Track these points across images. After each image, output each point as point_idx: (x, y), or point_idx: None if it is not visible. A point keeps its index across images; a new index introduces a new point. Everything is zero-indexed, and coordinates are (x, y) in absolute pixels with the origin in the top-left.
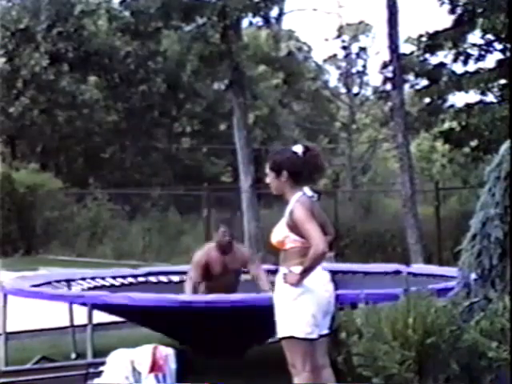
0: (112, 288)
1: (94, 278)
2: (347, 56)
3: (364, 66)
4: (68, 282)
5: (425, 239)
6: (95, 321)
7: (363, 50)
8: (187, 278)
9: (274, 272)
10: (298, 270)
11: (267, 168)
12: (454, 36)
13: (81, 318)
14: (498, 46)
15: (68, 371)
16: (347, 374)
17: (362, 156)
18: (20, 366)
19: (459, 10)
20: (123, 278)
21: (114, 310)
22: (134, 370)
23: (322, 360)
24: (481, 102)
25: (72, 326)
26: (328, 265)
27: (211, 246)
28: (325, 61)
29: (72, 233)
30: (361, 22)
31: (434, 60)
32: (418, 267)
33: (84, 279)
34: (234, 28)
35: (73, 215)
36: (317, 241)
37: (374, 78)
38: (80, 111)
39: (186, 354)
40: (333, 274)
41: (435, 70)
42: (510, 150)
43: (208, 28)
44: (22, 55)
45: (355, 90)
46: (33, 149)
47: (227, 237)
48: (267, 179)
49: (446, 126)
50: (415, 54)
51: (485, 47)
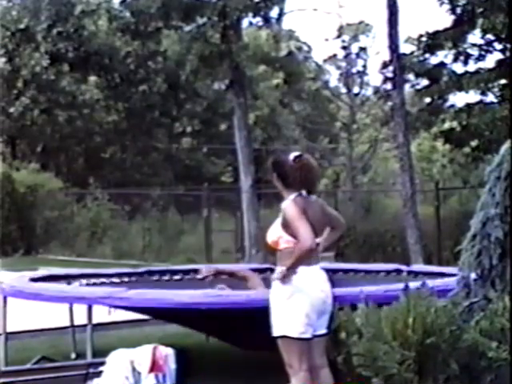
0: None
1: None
2: (347, 56)
3: (364, 66)
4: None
5: (425, 239)
6: (95, 321)
7: (363, 50)
8: None
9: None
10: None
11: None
12: (454, 36)
13: (81, 318)
14: (498, 46)
15: (68, 371)
16: (347, 374)
17: (363, 156)
18: (20, 366)
19: (459, 10)
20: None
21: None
22: (133, 370)
23: (320, 360)
24: (481, 101)
25: (72, 326)
26: (328, 264)
27: None
28: (325, 61)
29: (72, 233)
30: (361, 22)
31: (434, 60)
32: (418, 267)
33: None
34: (234, 28)
35: (73, 215)
36: (304, 237)
37: (374, 78)
38: (80, 111)
39: (186, 354)
40: (333, 272)
41: (435, 69)
42: (511, 150)
43: (208, 28)
44: (22, 55)
45: (355, 89)
46: (33, 149)
47: None
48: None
49: (447, 125)
50: (415, 53)
51: (485, 47)
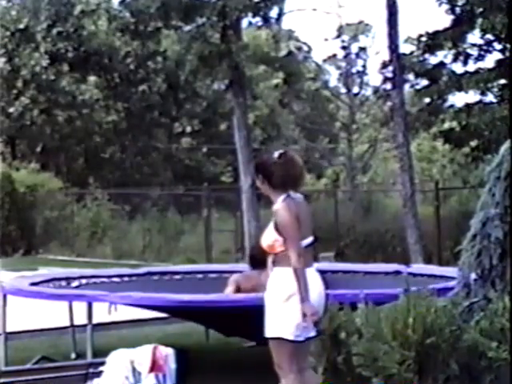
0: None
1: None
2: (347, 56)
3: (364, 66)
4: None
5: (425, 239)
6: (95, 321)
7: (363, 49)
8: None
9: None
10: (289, 272)
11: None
12: (454, 36)
13: (81, 318)
14: (498, 46)
15: (68, 371)
16: (347, 374)
17: (362, 156)
18: (20, 366)
19: (458, 10)
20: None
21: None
22: (133, 370)
23: (304, 363)
24: (480, 101)
25: (72, 326)
26: (328, 264)
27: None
28: (325, 61)
29: (72, 233)
30: (361, 22)
31: (434, 60)
32: (418, 267)
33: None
34: (233, 28)
35: (73, 215)
36: (296, 257)
37: (374, 78)
38: (80, 111)
39: (186, 354)
40: (333, 273)
41: (435, 69)
42: (510, 150)
43: (208, 28)
44: (22, 55)
45: (355, 90)
46: (33, 149)
47: None
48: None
49: (446, 125)
50: (415, 53)
51: (484, 47)
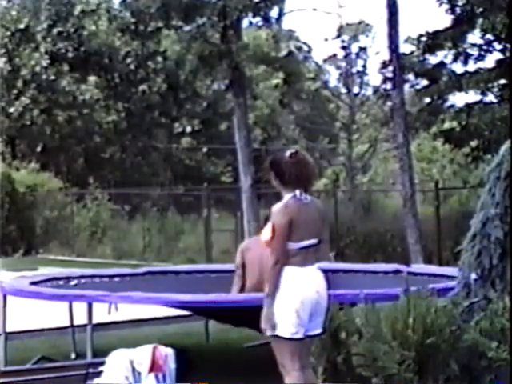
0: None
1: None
2: (347, 56)
3: (364, 66)
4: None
5: (425, 239)
6: (95, 321)
7: (363, 49)
8: None
9: None
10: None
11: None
12: (454, 36)
13: (81, 318)
14: (498, 46)
15: (68, 371)
16: (347, 374)
17: (362, 156)
18: (20, 366)
19: (458, 10)
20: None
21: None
22: (133, 370)
23: (305, 360)
24: (481, 101)
25: (72, 326)
26: (328, 264)
27: None
28: (325, 61)
29: (72, 233)
30: (361, 22)
31: (434, 60)
32: (418, 267)
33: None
34: (233, 28)
35: (73, 215)
36: (276, 258)
37: (374, 78)
38: (80, 111)
39: (186, 354)
40: (333, 273)
41: (435, 69)
42: (510, 150)
43: (208, 28)
44: (22, 55)
45: (355, 90)
46: (33, 149)
47: None
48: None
49: (446, 125)
50: (415, 53)
51: (484, 47)
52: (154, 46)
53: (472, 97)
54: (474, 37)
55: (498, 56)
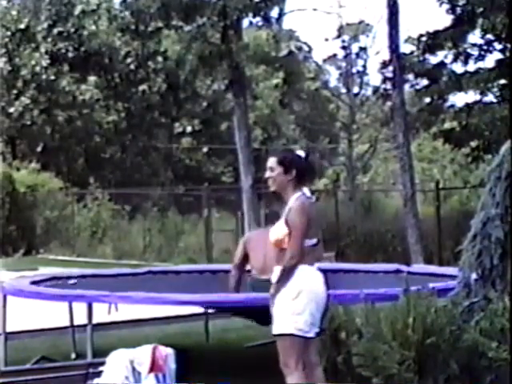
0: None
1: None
2: (347, 56)
3: (364, 66)
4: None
5: (425, 239)
6: (95, 321)
7: (363, 49)
8: None
9: None
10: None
11: (273, 162)
12: (454, 36)
13: (81, 318)
14: (498, 45)
15: (68, 371)
16: (347, 374)
17: (362, 156)
18: (20, 366)
19: (459, 10)
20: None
21: None
22: (133, 370)
23: (315, 358)
24: (480, 101)
25: (72, 326)
26: (328, 264)
27: None
28: (325, 61)
29: (72, 233)
30: (361, 22)
31: (434, 60)
32: (419, 267)
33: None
34: (234, 28)
35: (73, 215)
36: (295, 253)
37: (374, 78)
38: (80, 111)
39: (186, 353)
40: (333, 272)
41: (435, 69)
42: (511, 151)
43: (208, 28)
44: (22, 55)
45: (355, 90)
46: (33, 149)
47: None
48: (269, 173)
49: (447, 125)
50: (415, 53)
51: (485, 47)
52: (154, 45)
53: (472, 97)
54: (474, 37)
55: (497, 56)
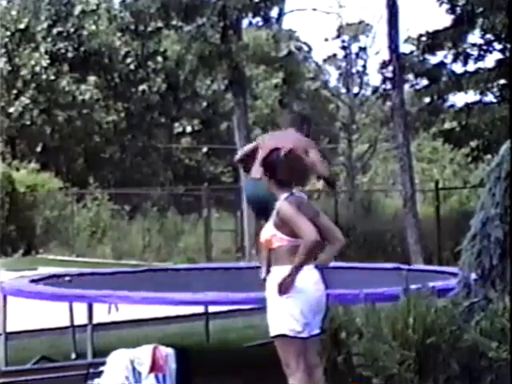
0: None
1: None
2: (347, 56)
3: (364, 66)
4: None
5: (425, 239)
6: (95, 321)
7: (363, 49)
8: None
9: None
10: (288, 269)
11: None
12: (454, 36)
13: (81, 318)
14: (498, 46)
15: (68, 371)
16: (347, 374)
17: (362, 156)
18: (20, 365)
19: (459, 10)
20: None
21: None
22: (134, 370)
23: (315, 359)
24: (480, 101)
25: (72, 326)
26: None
27: None
28: (324, 61)
29: (72, 233)
30: (361, 22)
31: (434, 60)
32: (419, 267)
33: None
34: (233, 28)
35: (73, 215)
36: (307, 231)
37: (374, 78)
38: (80, 111)
39: (186, 353)
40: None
41: (435, 69)
42: (510, 151)
43: (208, 28)
44: (22, 55)
45: (355, 90)
46: (33, 149)
47: None
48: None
49: (446, 125)
50: (415, 53)
51: (484, 47)
52: (153, 46)
53: (472, 97)
54: (474, 37)
55: (497, 56)
